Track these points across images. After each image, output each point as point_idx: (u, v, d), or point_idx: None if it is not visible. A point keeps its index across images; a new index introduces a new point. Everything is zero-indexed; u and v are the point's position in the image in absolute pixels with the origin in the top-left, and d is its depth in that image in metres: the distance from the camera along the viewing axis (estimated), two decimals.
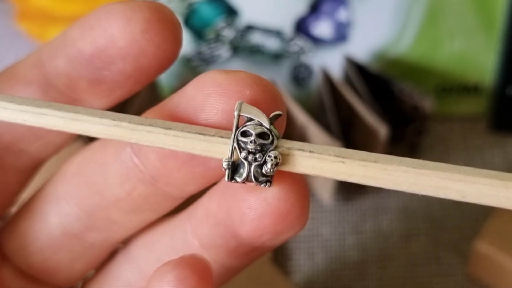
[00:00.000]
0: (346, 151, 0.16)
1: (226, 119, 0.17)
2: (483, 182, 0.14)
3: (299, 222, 0.18)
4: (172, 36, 0.18)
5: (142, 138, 0.17)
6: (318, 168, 0.16)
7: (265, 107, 0.17)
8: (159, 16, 0.18)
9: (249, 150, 0.17)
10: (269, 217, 0.18)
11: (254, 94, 0.17)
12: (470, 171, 0.15)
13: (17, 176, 0.22)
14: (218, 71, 0.17)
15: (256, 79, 0.17)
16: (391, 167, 0.15)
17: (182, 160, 0.18)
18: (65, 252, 0.22)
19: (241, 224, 0.18)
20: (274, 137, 0.16)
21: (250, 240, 0.19)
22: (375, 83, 0.41)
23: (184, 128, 0.17)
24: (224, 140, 0.17)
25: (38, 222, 0.21)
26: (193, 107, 0.18)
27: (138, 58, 0.19)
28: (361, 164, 0.15)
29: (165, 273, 0.17)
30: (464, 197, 0.15)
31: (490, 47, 0.41)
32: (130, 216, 0.21)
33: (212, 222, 0.19)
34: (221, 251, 0.20)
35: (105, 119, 0.17)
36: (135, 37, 0.18)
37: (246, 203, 0.18)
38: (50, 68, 0.20)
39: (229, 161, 0.17)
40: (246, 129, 0.17)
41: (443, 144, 0.44)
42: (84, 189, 0.20)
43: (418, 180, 0.15)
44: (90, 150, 0.21)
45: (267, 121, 0.16)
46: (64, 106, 0.17)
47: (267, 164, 0.17)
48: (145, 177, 0.19)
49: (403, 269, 0.40)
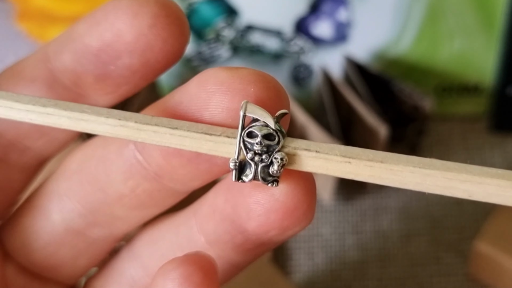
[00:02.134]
0: (353, 150, 0.16)
1: (231, 117, 0.17)
2: (490, 183, 0.14)
3: (305, 218, 0.18)
4: (179, 31, 0.18)
5: (148, 137, 0.17)
6: (324, 167, 0.16)
7: (269, 104, 0.17)
8: (166, 11, 0.18)
9: (255, 151, 0.17)
10: (276, 212, 0.18)
11: (258, 91, 0.17)
12: (477, 171, 0.15)
13: (21, 174, 0.22)
14: (220, 69, 0.17)
15: (260, 76, 0.17)
16: (398, 167, 0.15)
17: (187, 158, 0.18)
18: (68, 248, 0.21)
19: (247, 220, 0.18)
20: (280, 137, 0.16)
21: (256, 235, 0.19)
22: (375, 83, 0.41)
23: (190, 128, 0.17)
24: (230, 140, 0.17)
25: (41, 219, 0.21)
26: (196, 105, 0.17)
27: (144, 53, 0.18)
28: (368, 164, 0.15)
29: (169, 270, 0.17)
30: (471, 196, 0.15)
31: (490, 47, 0.41)
32: (134, 212, 0.20)
33: (218, 218, 0.19)
34: (227, 247, 0.20)
35: (111, 118, 0.17)
36: (142, 32, 0.18)
37: (253, 198, 0.18)
38: (56, 64, 0.20)
39: (236, 162, 0.17)
40: (252, 130, 0.16)
41: (443, 144, 0.44)
42: (87, 186, 0.20)
43: (425, 180, 0.15)
44: (91, 146, 0.21)
45: (273, 122, 0.16)
46: (70, 105, 0.17)
47: (273, 165, 0.17)
48: (149, 174, 0.19)
49: (403, 269, 0.40)
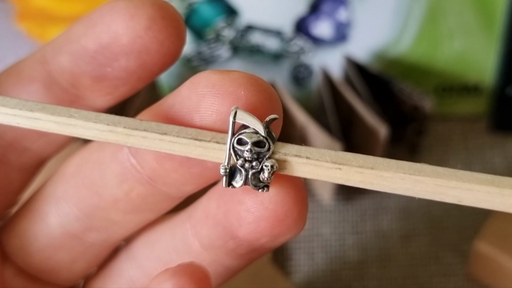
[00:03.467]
0: (343, 156, 0.16)
1: (221, 121, 0.17)
2: (479, 189, 0.14)
3: (296, 226, 0.18)
4: (175, 33, 0.18)
5: (137, 142, 0.17)
6: (314, 173, 0.16)
7: (260, 108, 0.17)
8: (163, 13, 0.18)
9: (245, 158, 0.16)
10: (266, 220, 0.18)
11: (248, 94, 0.17)
12: (467, 177, 0.15)
13: (20, 174, 0.22)
14: (212, 71, 0.17)
15: (251, 79, 0.17)
16: (388, 174, 0.15)
17: (179, 161, 0.18)
18: (65, 252, 0.22)
19: (238, 227, 0.18)
20: (271, 144, 0.16)
21: (248, 242, 0.19)
22: (375, 83, 0.41)
23: (179, 133, 0.17)
24: (220, 146, 0.17)
25: (38, 222, 0.21)
26: (187, 108, 0.17)
27: (141, 55, 0.19)
28: (358, 170, 0.15)
29: (163, 281, 0.17)
30: (461, 201, 0.15)
31: (490, 47, 0.41)
32: (129, 216, 0.21)
33: (211, 223, 0.19)
34: (221, 251, 0.20)
35: (100, 124, 0.17)
36: (138, 34, 0.18)
37: (244, 206, 0.18)
38: (53, 65, 0.20)
39: (226, 168, 0.17)
40: (242, 137, 0.16)
41: (443, 144, 0.44)
42: (83, 190, 0.20)
43: (415, 186, 0.15)
44: (88, 150, 0.21)
45: (263, 129, 0.16)
46: (58, 109, 0.17)
47: (264, 172, 0.16)
48: (143, 178, 0.19)
49: (403, 269, 0.39)
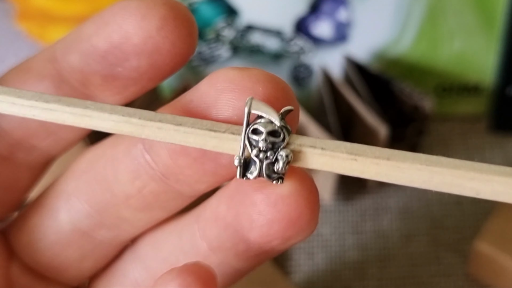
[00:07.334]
0: (359, 147, 0.16)
1: (238, 115, 0.17)
2: (498, 181, 0.14)
3: (309, 227, 0.18)
4: (187, 33, 0.18)
5: (152, 134, 0.17)
6: (329, 165, 0.16)
7: (277, 103, 0.17)
8: (175, 13, 0.18)
9: (260, 148, 0.16)
10: (279, 223, 0.18)
11: (266, 91, 0.17)
12: (485, 168, 0.14)
13: (28, 172, 0.22)
14: (231, 68, 0.17)
15: (269, 76, 0.17)
16: (404, 164, 0.15)
17: (193, 157, 0.18)
18: (74, 249, 0.21)
19: (250, 230, 0.18)
20: (285, 134, 0.16)
21: (259, 244, 0.19)
22: (375, 83, 0.41)
23: (194, 124, 0.17)
24: (234, 137, 0.16)
25: (48, 219, 0.21)
26: (205, 103, 0.17)
27: (152, 55, 0.18)
28: (374, 162, 0.15)
29: (168, 280, 0.17)
30: (478, 194, 0.14)
31: (490, 47, 0.41)
32: (140, 214, 0.20)
33: (220, 225, 0.19)
34: (230, 253, 0.20)
35: (115, 115, 0.17)
36: (150, 34, 0.18)
37: (256, 208, 0.18)
38: (63, 64, 0.20)
39: (240, 159, 0.17)
40: (257, 127, 0.16)
41: (443, 144, 0.44)
42: (95, 186, 0.20)
43: (432, 177, 0.15)
44: (102, 147, 0.21)
45: (278, 118, 0.16)
46: (74, 101, 0.17)
47: (278, 162, 0.16)
48: (156, 174, 0.19)
49: (403, 269, 0.39)
